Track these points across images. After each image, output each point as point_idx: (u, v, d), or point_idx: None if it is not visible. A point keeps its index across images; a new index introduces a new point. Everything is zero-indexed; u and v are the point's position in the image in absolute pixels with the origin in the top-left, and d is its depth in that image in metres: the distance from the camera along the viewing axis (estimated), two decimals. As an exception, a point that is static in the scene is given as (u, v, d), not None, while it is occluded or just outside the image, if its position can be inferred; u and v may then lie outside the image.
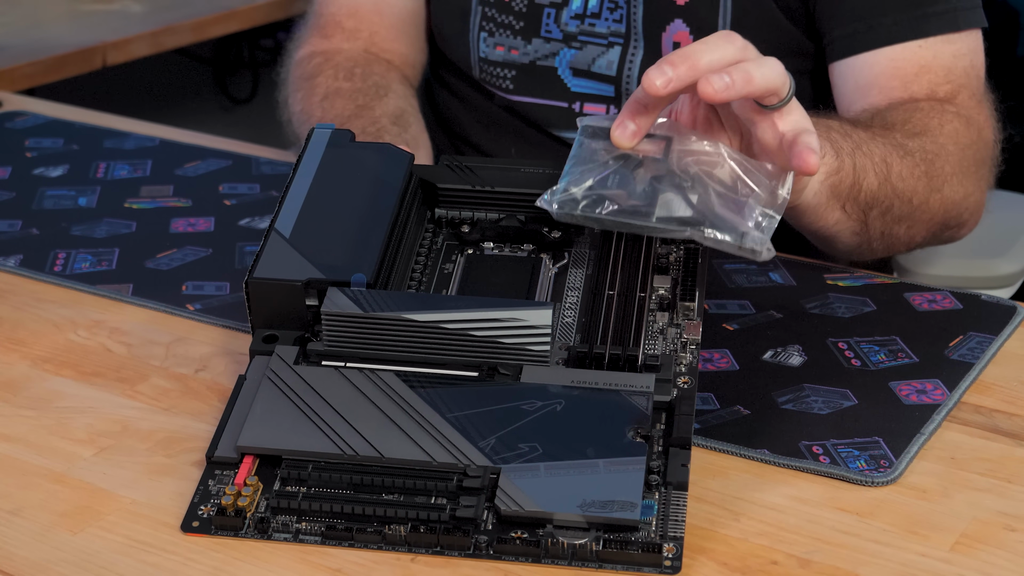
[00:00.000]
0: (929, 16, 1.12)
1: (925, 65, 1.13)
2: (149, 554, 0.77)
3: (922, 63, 1.13)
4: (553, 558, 0.75)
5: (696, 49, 0.85)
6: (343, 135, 0.98)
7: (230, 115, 3.07)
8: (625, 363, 0.84)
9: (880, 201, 1.03)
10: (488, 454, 0.78)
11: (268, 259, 0.88)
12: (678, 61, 0.84)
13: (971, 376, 0.93)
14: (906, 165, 1.04)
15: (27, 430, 0.89)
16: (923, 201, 1.07)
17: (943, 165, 1.08)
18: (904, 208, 1.06)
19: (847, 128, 1.02)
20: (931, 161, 1.06)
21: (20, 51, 1.92)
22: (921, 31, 1.13)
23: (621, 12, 1.21)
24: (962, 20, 1.13)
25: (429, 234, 0.97)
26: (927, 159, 1.06)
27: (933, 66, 1.13)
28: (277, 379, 0.83)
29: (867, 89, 1.15)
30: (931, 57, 1.13)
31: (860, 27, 1.14)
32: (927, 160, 1.06)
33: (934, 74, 1.13)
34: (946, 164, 1.08)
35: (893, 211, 1.05)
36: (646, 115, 0.88)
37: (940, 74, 1.13)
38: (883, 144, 1.03)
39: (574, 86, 1.25)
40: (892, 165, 1.03)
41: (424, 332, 0.83)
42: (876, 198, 1.02)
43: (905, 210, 1.06)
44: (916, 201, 1.06)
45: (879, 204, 1.03)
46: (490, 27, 1.26)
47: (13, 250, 1.13)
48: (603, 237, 0.94)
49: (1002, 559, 0.77)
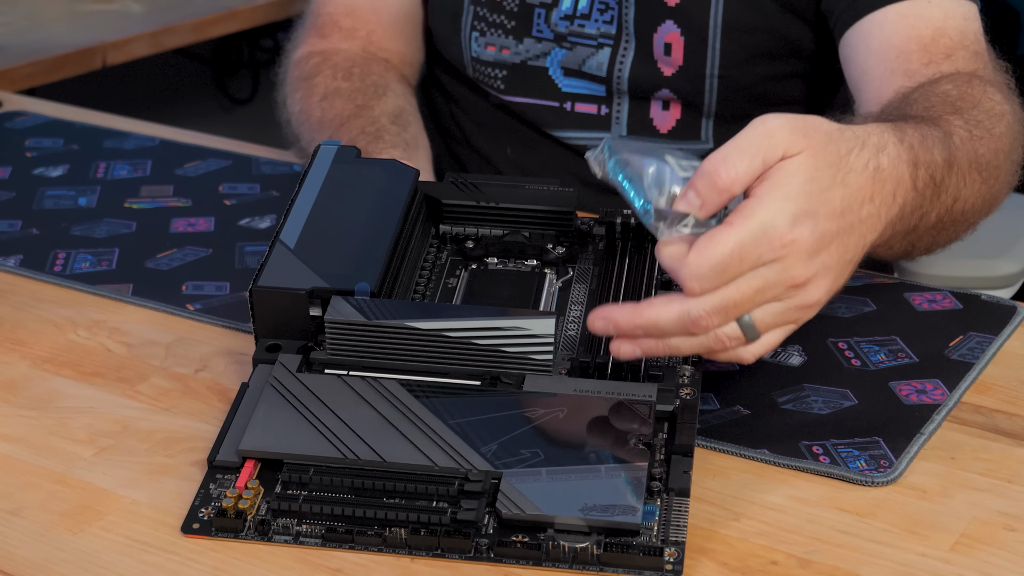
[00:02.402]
0: None
1: (939, 27, 1.08)
2: (149, 554, 0.77)
3: (936, 24, 1.09)
4: (554, 562, 0.75)
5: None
6: (349, 151, 0.99)
7: (230, 115, 3.07)
8: (628, 373, 0.84)
9: (933, 227, 0.96)
10: (490, 459, 0.78)
11: (273, 268, 0.88)
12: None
13: (971, 376, 0.93)
14: (975, 187, 0.97)
15: (27, 430, 0.89)
16: (977, 213, 1.01)
17: (999, 168, 1.01)
18: (956, 226, 1.00)
19: (935, 159, 0.91)
20: (996, 167, 1.00)
21: (20, 51, 1.92)
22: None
23: (612, 13, 1.21)
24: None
25: (433, 249, 0.98)
26: (996, 165, 1.00)
27: (947, 28, 1.09)
28: (280, 386, 0.83)
29: (883, 52, 1.09)
30: (943, 17, 1.09)
31: None
32: (995, 166, 1.00)
33: (949, 37, 1.08)
34: (1003, 164, 1.01)
35: (942, 231, 0.99)
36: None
37: (956, 37, 1.09)
38: (959, 173, 0.95)
39: (565, 86, 1.25)
40: (959, 195, 0.96)
41: (427, 340, 0.83)
42: (932, 227, 0.96)
43: (957, 226, 1.00)
44: (969, 215, 1.00)
45: (928, 235, 0.97)
46: (481, 27, 1.26)
47: (13, 250, 1.13)
48: (607, 253, 0.95)
49: (1002, 559, 0.77)
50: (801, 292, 0.80)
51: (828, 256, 0.80)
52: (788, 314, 0.81)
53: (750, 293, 0.78)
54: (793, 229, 0.77)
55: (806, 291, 0.80)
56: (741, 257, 0.76)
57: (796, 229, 0.77)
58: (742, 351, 0.81)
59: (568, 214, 0.97)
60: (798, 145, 0.78)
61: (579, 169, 1.26)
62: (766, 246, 0.77)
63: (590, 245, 0.98)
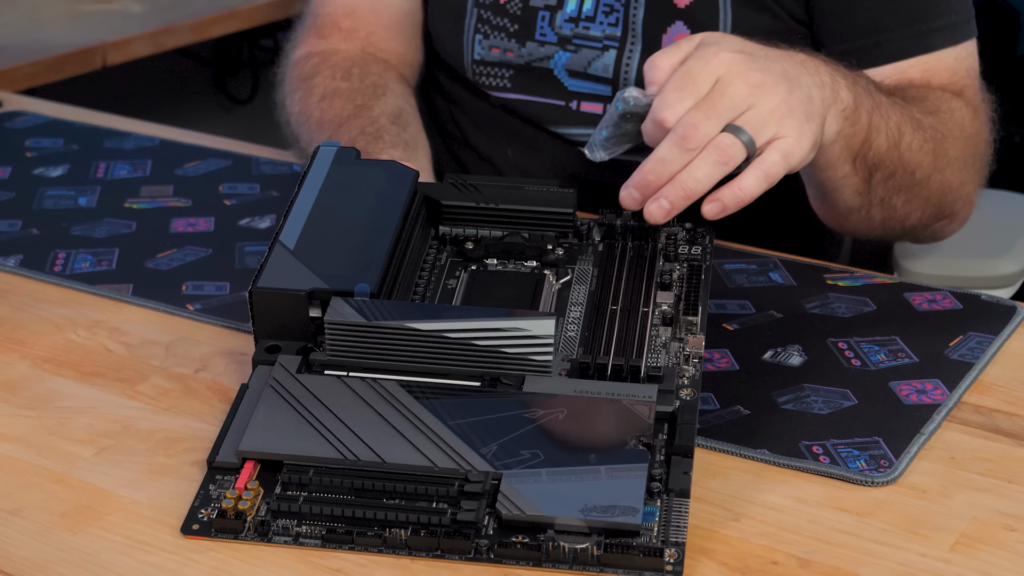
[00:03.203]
0: (934, 31, 1.15)
1: (930, 69, 1.15)
2: (149, 554, 0.77)
3: (927, 68, 1.15)
4: (554, 562, 0.75)
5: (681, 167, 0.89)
6: (348, 152, 0.99)
7: (230, 115, 3.07)
8: (628, 374, 0.84)
9: (886, 165, 1.05)
10: (490, 460, 0.78)
11: (272, 269, 0.88)
12: (670, 192, 0.89)
13: (971, 376, 0.93)
14: (917, 138, 1.06)
15: (27, 430, 0.89)
16: (925, 177, 1.09)
17: (949, 147, 1.10)
18: (907, 179, 1.08)
19: (872, 88, 1.03)
20: (940, 140, 1.09)
21: (20, 51, 1.91)
22: (927, 46, 1.15)
23: (617, 15, 1.21)
24: (960, 33, 1.16)
25: (433, 251, 0.98)
26: (936, 138, 1.08)
27: (938, 69, 1.16)
28: (279, 387, 0.83)
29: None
30: (935, 62, 1.16)
31: (867, 43, 1.15)
32: (936, 139, 1.08)
33: (939, 76, 1.16)
34: (951, 147, 1.10)
35: (896, 179, 1.07)
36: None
37: (945, 76, 1.16)
38: (900, 112, 1.05)
39: (571, 86, 1.25)
40: (904, 134, 1.05)
41: (427, 341, 0.83)
42: (883, 161, 1.04)
43: (907, 181, 1.08)
44: (919, 175, 1.08)
45: (884, 167, 1.05)
46: (485, 29, 1.26)
47: (13, 250, 1.13)
48: (607, 254, 0.95)
49: (1002, 559, 0.77)
50: (763, 93, 0.89)
51: (768, 65, 0.91)
52: (764, 116, 0.89)
53: (714, 92, 0.88)
54: (724, 47, 0.90)
55: (767, 91, 0.89)
56: (691, 71, 0.89)
57: (727, 46, 0.90)
58: (748, 177, 0.89)
59: (568, 215, 0.97)
60: (718, 35, 0.93)
61: (581, 168, 1.27)
62: (708, 60, 0.89)
63: (590, 246, 0.98)
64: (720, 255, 1.09)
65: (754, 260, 1.10)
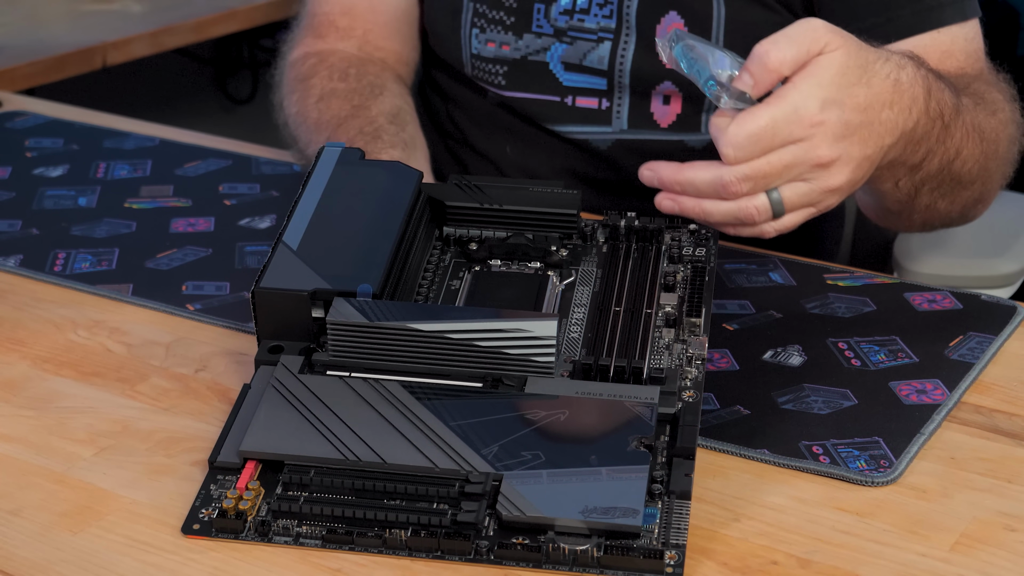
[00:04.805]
0: (943, 5, 1.15)
1: (947, 50, 1.15)
2: (149, 554, 0.77)
3: (943, 48, 1.15)
4: (554, 564, 0.75)
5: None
6: (353, 153, 0.99)
7: (230, 115, 3.07)
8: (630, 375, 0.84)
9: (934, 179, 1.05)
10: (491, 461, 0.78)
11: (275, 270, 0.88)
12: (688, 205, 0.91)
13: (971, 376, 0.93)
14: (974, 152, 1.06)
15: (27, 430, 0.89)
16: (971, 182, 1.10)
17: (999, 148, 1.11)
18: (955, 188, 1.09)
19: (946, 99, 0.99)
20: (995, 144, 1.09)
21: (20, 51, 1.91)
22: (938, 20, 1.15)
23: (611, 7, 1.21)
24: (968, 9, 1.17)
25: (437, 251, 0.98)
26: (992, 144, 1.09)
27: (954, 50, 1.16)
28: (281, 387, 0.83)
29: None
30: (949, 42, 1.16)
31: (879, 20, 1.15)
32: (991, 146, 1.09)
33: (955, 58, 1.16)
34: (1000, 147, 1.11)
35: (943, 188, 1.08)
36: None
37: (961, 57, 1.16)
38: (964, 126, 1.03)
39: (566, 80, 1.25)
40: (961, 151, 1.05)
41: (429, 342, 0.83)
42: (932, 177, 1.05)
43: (955, 189, 1.09)
44: (966, 181, 1.09)
45: (932, 181, 1.06)
46: (481, 23, 1.26)
47: (13, 250, 1.13)
48: (611, 256, 0.95)
49: (1002, 559, 0.77)
50: (825, 174, 0.90)
51: (851, 144, 0.90)
52: (812, 195, 0.90)
53: (779, 167, 0.88)
54: (821, 112, 0.88)
55: (830, 173, 0.90)
56: (774, 132, 0.87)
57: (824, 113, 0.88)
58: (765, 226, 0.91)
59: (572, 216, 0.97)
60: (836, 43, 0.88)
61: (579, 165, 1.27)
62: (796, 124, 0.87)
63: (593, 247, 0.98)
64: (720, 255, 1.09)
65: (754, 260, 1.10)
